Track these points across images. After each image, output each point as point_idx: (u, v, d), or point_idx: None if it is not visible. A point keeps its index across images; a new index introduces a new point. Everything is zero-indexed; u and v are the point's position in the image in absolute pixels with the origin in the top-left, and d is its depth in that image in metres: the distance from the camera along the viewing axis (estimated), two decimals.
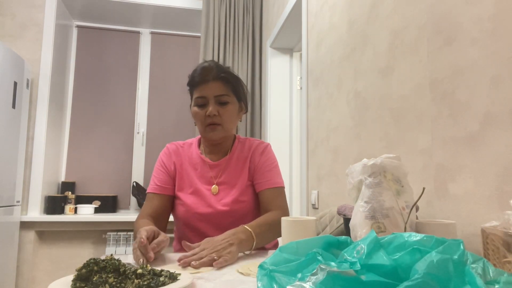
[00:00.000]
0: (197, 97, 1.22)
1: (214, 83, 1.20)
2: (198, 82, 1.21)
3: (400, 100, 1.17)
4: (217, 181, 1.26)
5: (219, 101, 1.21)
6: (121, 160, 3.40)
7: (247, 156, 1.30)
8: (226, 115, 1.22)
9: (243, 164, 1.29)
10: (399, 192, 0.77)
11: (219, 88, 1.21)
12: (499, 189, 0.79)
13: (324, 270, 0.44)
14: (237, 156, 1.30)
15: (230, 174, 1.27)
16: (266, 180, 1.26)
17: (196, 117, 1.23)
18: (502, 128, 0.79)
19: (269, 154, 1.32)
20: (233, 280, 0.75)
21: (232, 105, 1.24)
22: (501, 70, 0.80)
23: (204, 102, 1.21)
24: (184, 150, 1.32)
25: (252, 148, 1.32)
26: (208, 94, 1.20)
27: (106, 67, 3.49)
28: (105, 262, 0.66)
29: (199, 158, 1.29)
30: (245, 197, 1.25)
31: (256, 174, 1.28)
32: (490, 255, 0.63)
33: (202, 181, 1.26)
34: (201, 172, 1.27)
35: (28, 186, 2.83)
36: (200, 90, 1.21)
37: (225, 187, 1.25)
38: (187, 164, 1.29)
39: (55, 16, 2.99)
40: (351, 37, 1.53)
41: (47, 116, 2.91)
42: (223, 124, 1.22)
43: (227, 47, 3.17)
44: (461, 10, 0.92)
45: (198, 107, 1.22)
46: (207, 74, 1.20)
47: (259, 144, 1.34)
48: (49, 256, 2.89)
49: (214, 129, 1.21)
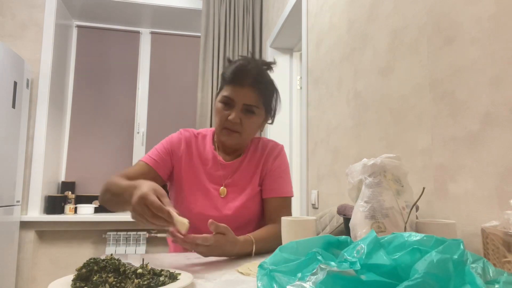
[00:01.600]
0: (224, 96, 1.13)
1: (248, 90, 1.11)
2: (232, 81, 1.12)
3: (400, 100, 1.17)
4: (226, 182, 1.20)
5: (246, 109, 1.13)
6: (121, 160, 3.40)
7: (260, 159, 1.24)
8: (247, 125, 1.14)
9: (255, 168, 1.22)
10: (399, 192, 0.77)
11: (250, 97, 1.12)
12: (499, 189, 0.79)
13: (324, 270, 0.44)
14: (249, 158, 1.23)
15: (240, 177, 1.21)
16: (276, 188, 1.21)
17: (217, 113, 1.16)
18: (502, 128, 0.79)
19: (283, 158, 1.27)
20: (233, 280, 0.75)
21: (258, 117, 1.16)
22: (501, 70, 0.80)
23: (230, 104, 1.13)
24: (198, 141, 1.24)
25: (266, 151, 1.25)
26: (238, 99, 1.12)
27: (106, 67, 3.49)
28: (105, 262, 0.66)
29: (211, 153, 1.22)
30: (252, 204, 1.20)
31: (266, 179, 1.22)
32: (490, 255, 0.63)
33: (210, 179, 1.19)
34: (211, 169, 1.20)
35: (28, 186, 2.83)
36: (230, 91, 1.12)
37: (234, 189, 1.19)
38: (197, 157, 1.21)
39: (55, 16, 2.99)
40: (351, 37, 1.53)
41: (47, 116, 2.91)
42: (242, 133, 1.15)
43: (227, 47, 3.17)
44: (461, 10, 0.92)
45: (223, 105, 1.14)
46: (244, 77, 1.11)
47: (273, 146, 1.27)
48: (49, 256, 2.89)
49: (230, 135, 1.14)
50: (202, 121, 3.06)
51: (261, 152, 1.25)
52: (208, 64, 3.11)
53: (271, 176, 1.22)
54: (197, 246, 0.88)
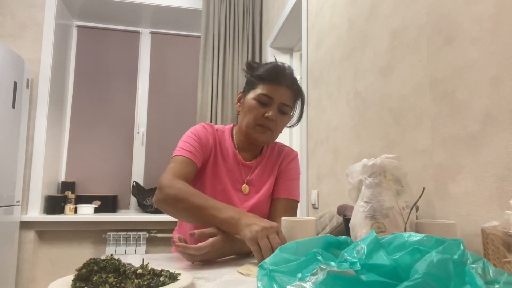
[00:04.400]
0: (262, 94, 1.15)
1: (286, 90, 1.16)
2: (271, 80, 1.16)
3: (400, 100, 1.17)
4: (247, 180, 1.23)
5: (282, 109, 1.17)
6: (121, 160, 3.40)
7: (276, 162, 1.28)
8: (280, 124, 1.19)
9: (271, 170, 1.26)
10: (399, 192, 0.77)
11: (288, 98, 1.17)
12: (499, 189, 0.79)
13: (324, 270, 0.44)
14: (267, 160, 1.27)
15: (258, 177, 1.24)
16: (287, 189, 1.25)
17: (251, 111, 1.16)
18: (502, 128, 0.79)
19: (296, 164, 1.31)
20: (233, 280, 0.75)
21: (288, 118, 1.22)
22: (501, 70, 0.80)
23: (267, 102, 1.15)
24: (219, 136, 1.25)
25: (283, 154, 1.30)
26: (277, 98, 1.15)
27: (106, 67, 3.49)
28: (105, 262, 0.66)
29: (231, 151, 1.23)
30: (265, 205, 1.23)
31: (279, 180, 1.26)
32: (490, 255, 0.63)
33: (229, 176, 1.21)
34: (231, 166, 1.22)
35: (28, 186, 2.83)
36: (270, 89, 1.15)
37: (252, 189, 1.23)
38: (219, 152, 1.22)
39: (55, 16, 2.99)
40: (351, 37, 1.53)
41: (47, 116, 2.91)
42: (274, 131, 1.19)
43: (227, 47, 3.17)
44: (461, 10, 0.92)
45: (259, 103, 1.16)
46: (283, 77, 1.16)
47: (289, 151, 1.32)
48: (49, 256, 2.89)
49: (264, 132, 1.17)
50: (202, 121, 3.06)
51: (278, 154, 1.29)
52: (208, 64, 3.11)
53: (284, 177, 1.26)
54: (194, 257, 0.90)
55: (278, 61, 1.22)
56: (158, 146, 3.45)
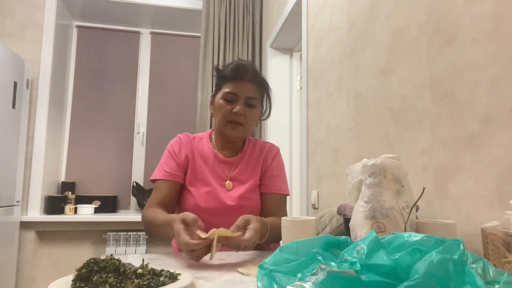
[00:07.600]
0: (228, 92, 1.22)
1: (249, 84, 1.22)
2: (233, 78, 1.22)
3: (400, 100, 1.17)
4: (230, 176, 1.27)
5: (248, 103, 1.23)
6: (121, 160, 3.40)
7: (259, 156, 1.32)
8: (250, 117, 1.24)
9: (255, 164, 1.31)
10: (399, 192, 0.77)
11: (252, 91, 1.23)
12: (499, 189, 0.79)
13: (324, 270, 0.45)
14: (248, 156, 1.32)
15: (241, 171, 1.28)
16: (275, 185, 1.29)
17: (220, 110, 1.23)
18: (502, 128, 0.79)
19: (280, 159, 1.36)
20: (233, 280, 0.75)
21: (258, 110, 1.27)
22: (501, 70, 0.80)
23: (233, 99, 1.22)
24: (195, 143, 1.32)
25: (265, 150, 1.34)
26: (241, 93, 1.21)
27: (106, 67, 3.49)
28: (105, 262, 0.66)
29: (211, 152, 1.29)
30: (253, 195, 1.27)
31: (265, 176, 1.30)
32: (490, 255, 0.63)
33: (213, 175, 1.26)
34: (213, 166, 1.28)
35: (28, 186, 2.83)
36: (233, 86, 1.22)
37: (237, 183, 1.27)
38: (198, 157, 1.29)
39: (55, 16, 2.99)
40: (351, 37, 1.53)
41: (47, 116, 2.91)
42: (245, 125, 1.24)
43: (227, 47, 3.17)
44: (461, 10, 0.92)
45: (225, 101, 1.23)
46: (244, 73, 1.22)
47: (271, 146, 1.36)
48: (49, 256, 2.89)
49: (235, 128, 1.23)
50: (202, 121, 3.06)
51: (260, 150, 1.35)
52: (208, 64, 3.11)
53: (270, 173, 1.31)
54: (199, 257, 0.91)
55: (240, 59, 1.31)
56: (158, 146, 3.45)
